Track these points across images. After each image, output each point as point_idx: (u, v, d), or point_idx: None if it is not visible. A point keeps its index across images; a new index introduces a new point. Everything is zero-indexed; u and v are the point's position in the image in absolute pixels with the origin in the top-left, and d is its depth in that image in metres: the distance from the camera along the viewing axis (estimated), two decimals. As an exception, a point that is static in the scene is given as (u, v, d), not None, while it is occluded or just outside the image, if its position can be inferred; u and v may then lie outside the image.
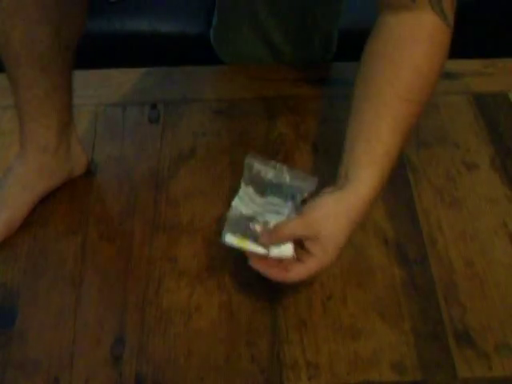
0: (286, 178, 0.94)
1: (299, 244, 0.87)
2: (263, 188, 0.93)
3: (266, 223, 0.89)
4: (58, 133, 1.05)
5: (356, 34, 1.49)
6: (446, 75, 1.28)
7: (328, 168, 1.14)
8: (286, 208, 0.91)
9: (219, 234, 1.03)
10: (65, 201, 1.09)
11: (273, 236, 0.86)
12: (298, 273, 0.86)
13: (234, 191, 1.09)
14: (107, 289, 0.99)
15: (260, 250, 0.86)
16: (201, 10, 1.59)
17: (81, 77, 1.09)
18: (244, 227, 0.88)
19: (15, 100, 1.02)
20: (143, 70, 1.33)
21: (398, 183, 1.11)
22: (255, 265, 0.87)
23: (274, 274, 0.86)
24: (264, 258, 0.87)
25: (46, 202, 1.08)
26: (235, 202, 0.90)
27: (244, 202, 0.90)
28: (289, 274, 0.86)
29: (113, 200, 1.11)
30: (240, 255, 1.01)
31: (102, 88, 1.29)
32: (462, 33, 0.91)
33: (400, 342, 0.92)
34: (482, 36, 1.60)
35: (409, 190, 1.10)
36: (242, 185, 0.93)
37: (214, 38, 1.38)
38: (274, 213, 0.90)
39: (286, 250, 0.85)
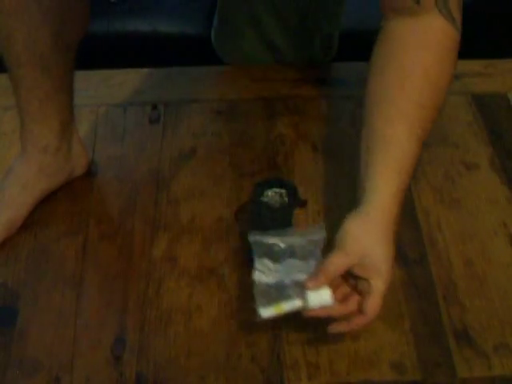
0: (295, 239, 0.91)
1: (345, 278, 0.85)
2: (279, 256, 0.90)
3: (296, 283, 0.85)
4: (58, 133, 1.05)
5: (356, 35, 1.50)
6: (446, 75, 1.28)
7: (328, 168, 1.15)
8: (310, 267, 0.86)
9: (219, 233, 1.04)
10: (65, 201, 1.09)
11: (320, 277, 0.82)
12: (374, 306, 0.82)
13: (234, 191, 1.10)
14: (107, 289, 0.99)
15: (297, 304, 0.83)
16: (201, 11, 1.59)
17: (81, 77, 1.09)
18: (274, 295, 0.85)
19: (16, 100, 1.02)
20: (144, 70, 1.33)
21: (398, 183, 1.11)
22: (338, 328, 0.84)
23: (359, 323, 0.83)
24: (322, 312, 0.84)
25: (46, 202, 1.08)
26: (257, 276, 0.87)
27: (265, 273, 0.87)
28: (369, 314, 0.82)
29: (113, 200, 1.11)
30: (240, 255, 1.01)
31: (102, 88, 1.29)
32: (462, 33, 0.91)
33: (400, 342, 0.92)
34: (482, 36, 1.60)
35: (408, 190, 1.09)
36: (256, 258, 0.89)
37: (215, 38, 1.38)
38: (299, 272, 0.86)
39: (325, 297, 0.82)
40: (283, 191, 0.97)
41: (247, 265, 1.00)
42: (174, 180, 1.13)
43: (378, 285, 0.82)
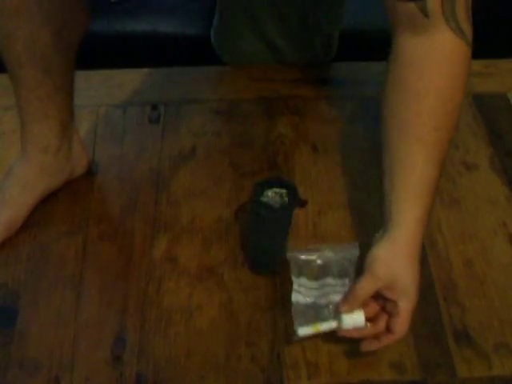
0: (331, 255, 0.95)
1: (374, 297, 0.88)
2: (315, 273, 0.94)
3: (331, 303, 0.91)
4: (59, 133, 1.05)
5: (356, 35, 1.50)
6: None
7: (328, 168, 1.15)
8: (345, 287, 0.91)
9: (219, 233, 1.04)
10: (65, 201, 1.09)
11: (351, 301, 0.87)
12: (402, 326, 0.86)
13: (234, 191, 1.10)
14: (107, 289, 0.99)
15: (332, 325, 0.88)
16: (201, 10, 1.59)
17: (82, 77, 1.09)
18: (311, 316, 0.90)
19: (17, 100, 1.02)
20: (144, 70, 1.33)
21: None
22: (370, 347, 0.87)
23: (389, 341, 0.87)
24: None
25: (46, 203, 1.08)
26: (294, 297, 0.92)
27: (302, 294, 0.92)
28: (397, 333, 0.86)
29: (113, 200, 1.11)
30: (240, 255, 1.02)
31: (102, 88, 1.29)
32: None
33: (400, 342, 0.92)
34: (482, 36, 1.60)
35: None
36: (293, 278, 0.94)
37: (215, 38, 1.38)
38: (334, 293, 0.91)
39: (359, 319, 0.86)
40: (283, 191, 0.97)
41: (246, 265, 1.00)
42: (174, 180, 1.13)
43: (406, 306, 0.86)
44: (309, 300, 0.92)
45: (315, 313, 0.91)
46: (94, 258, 1.02)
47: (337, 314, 0.88)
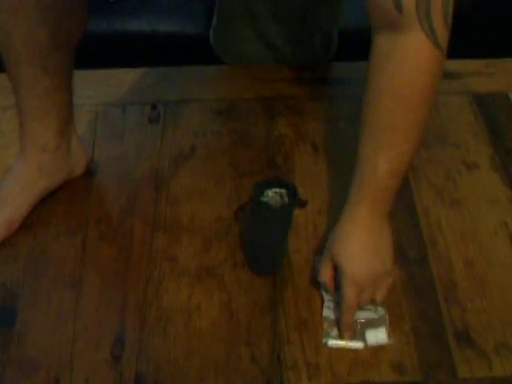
0: None
1: None
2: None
3: (358, 321, 0.94)
4: (57, 132, 1.05)
5: (356, 34, 1.50)
6: (446, 75, 1.28)
7: (328, 168, 1.15)
8: (370, 305, 0.95)
9: (219, 233, 1.04)
10: (65, 201, 1.09)
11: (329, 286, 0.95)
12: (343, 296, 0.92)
13: (234, 191, 1.10)
14: (107, 289, 0.99)
15: (359, 345, 0.92)
16: (201, 10, 1.59)
17: (81, 77, 1.09)
18: (338, 329, 0.94)
19: (15, 99, 1.02)
20: (143, 69, 1.33)
21: (398, 183, 1.11)
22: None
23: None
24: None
25: (45, 202, 1.08)
26: (325, 313, 0.95)
27: (331, 309, 0.95)
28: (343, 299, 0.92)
29: (113, 200, 1.11)
30: (240, 255, 1.01)
31: (102, 88, 1.29)
32: (462, 33, 0.91)
33: (400, 342, 0.92)
34: (482, 36, 1.60)
35: (409, 190, 1.10)
36: (324, 294, 0.97)
37: (214, 38, 1.38)
38: (361, 311, 0.94)
39: (382, 337, 0.92)
40: (283, 191, 0.97)
41: (247, 265, 1.00)
42: (174, 180, 1.13)
43: (343, 281, 0.91)
44: (338, 315, 0.94)
45: (339, 329, 0.93)
46: (94, 257, 1.02)
47: (362, 332, 0.92)
